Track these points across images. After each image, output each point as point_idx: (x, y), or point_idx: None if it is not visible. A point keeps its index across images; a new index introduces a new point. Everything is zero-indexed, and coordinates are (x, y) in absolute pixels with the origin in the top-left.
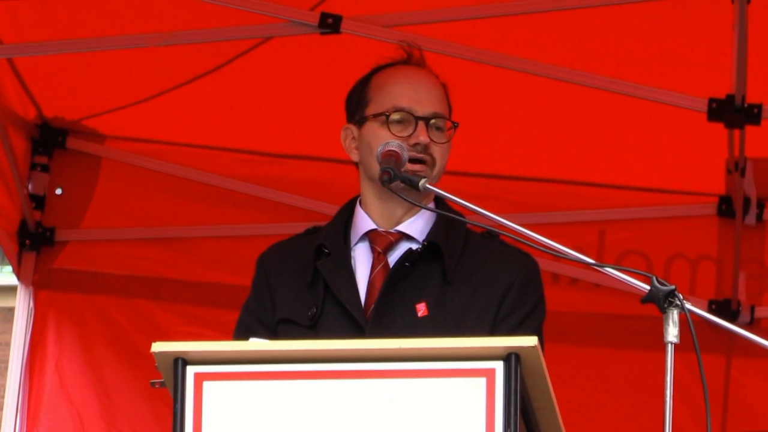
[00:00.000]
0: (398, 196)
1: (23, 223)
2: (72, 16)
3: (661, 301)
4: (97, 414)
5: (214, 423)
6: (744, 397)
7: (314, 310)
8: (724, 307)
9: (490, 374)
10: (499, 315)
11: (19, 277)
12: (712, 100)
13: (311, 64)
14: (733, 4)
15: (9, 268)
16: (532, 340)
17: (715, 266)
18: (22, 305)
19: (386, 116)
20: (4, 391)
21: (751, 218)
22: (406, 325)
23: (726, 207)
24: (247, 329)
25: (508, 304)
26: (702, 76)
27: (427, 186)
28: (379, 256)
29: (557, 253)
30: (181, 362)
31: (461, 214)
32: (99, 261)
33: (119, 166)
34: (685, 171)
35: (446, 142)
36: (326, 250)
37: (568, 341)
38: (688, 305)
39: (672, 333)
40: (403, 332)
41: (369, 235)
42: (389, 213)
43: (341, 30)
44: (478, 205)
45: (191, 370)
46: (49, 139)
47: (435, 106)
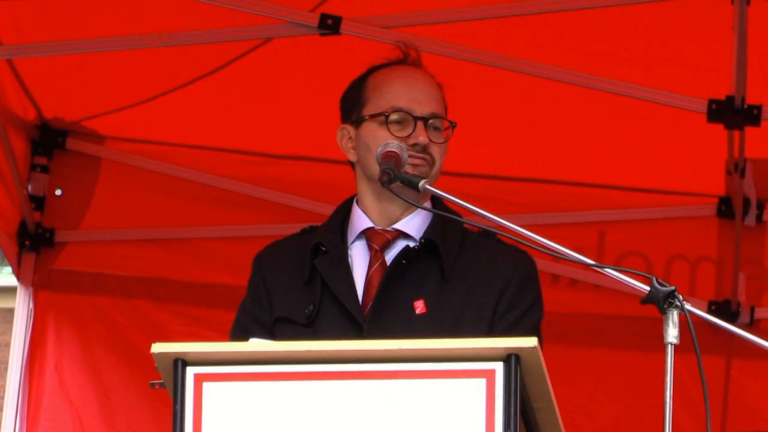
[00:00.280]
0: (397, 196)
1: (23, 224)
2: (72, 17)
3: (661, 302)
4: (97, 415)
5: (214, 424)
6: (744, 398)
7: (311, 308)
8: (724, 308)
9: (489, 375)
10: (497, 313)
11: (19, 278)
12: (711, 101)
13: (311, 65)
14: (733, 5)
15: (9, 269)
16: (532, 341)
17: (715, 267)
18: (21, 306)
19: (385, 117)
20: (4, 391)
21: (750, 219)
22: (405, 322)
23: (726, 208)
24: (243, 329)
25: (505, 301)
26: (702, 77)
27: (427, 187)
28: (376, 254)
29: (557, 254)
30: (180, 363)
31: (459, 213)
32: (99, 262)
33: (119, 167)
34: (685, 172)
35: (444, 142)
36: (323, 248)
37: (568, 342)
38: (687, 306)
39: (672, 334)
40: (402, 330)
41: (366, 233)
42: (386, 212)
43: (341, 31)
44: (477, 206)
45: (191, 371)
46: (49, 140)
47: (433, 106)
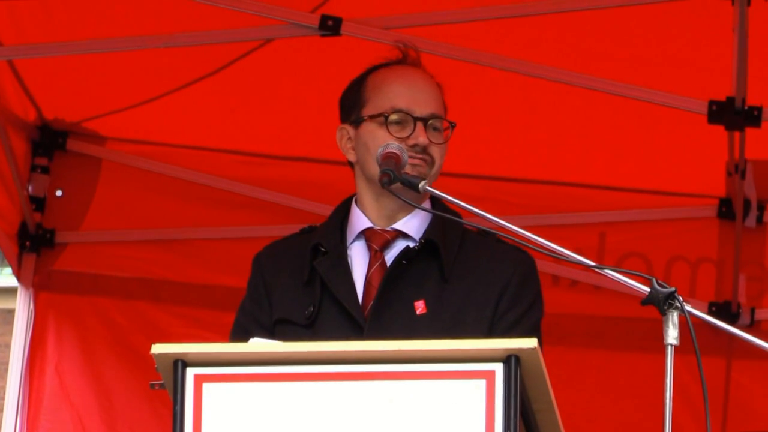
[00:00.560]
0: (396, 197)
1: (23, 225)
2: (72, 18)
3: (661, 303)
4: (97, 416)
5: (214, 425)
6: (744, 399)
7: (311, 309)
8: (725, 310)
9: (489, 376)
10: (498, 312)
11: (20, 279)
12: (712, 102)
13: (311, 66)
14: (734, 6)
15: (9, 269)
16: (531, 342)
17: (716, 268)
18: (22, 307)
19: (385, 117)
20: (4, 392)
21: (751, 220)
22: (405, 323)
23: (726, 209)
24: (244, 330)
25: (506, 301)
26: (702, 78)
27: (427, 188)
28: (375, 254)
29: (557, 255)
30: (180, 364)
31: (459, 214)
32: (99, 263)
33: (119, 168)
34: (685, 173)
35: (444, 142)
36: (323, 249)
37: (569, 343)
38: (687, 307)
39: (672, 335)
40: (402, 330)
41: (365, 234)
42: (385, 212)
43: (341, 32)
44: (477, 207)
45: (191, 372)
46: (50, 140)
47: (433, 107)
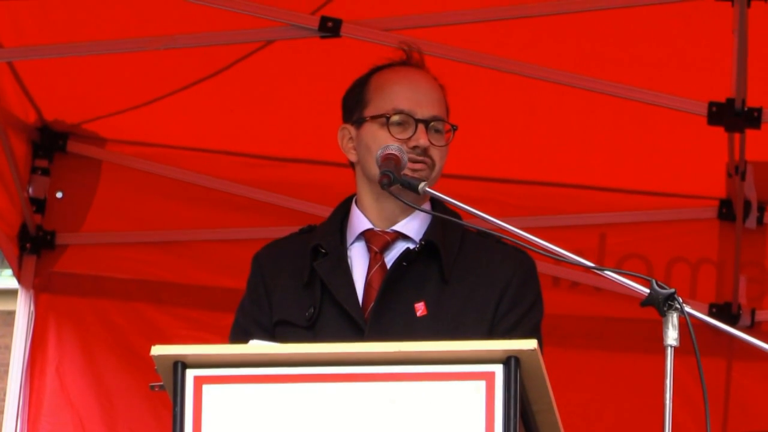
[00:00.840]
0: (396, 198)
1: (24, 227)
2: (72, 20)
3: (661, 304)
4: (98, 417)
5: (214, 426)
6: (745, 400)
7: (312, 310)
8: (725, 311)
9: (489, 377)
10: (498, 313)
11: (20, 281)
12: (712, 104)
13: (311, 67)
14: (733, 7)
15: (9, 271)
16: (531, 344)
17: (716, 270)
18: (22, 308)
19: (386, 118)
20: (5, 394)
21: (751, 222)
22: (406, 324)
23: (726, 210)
24: (243, 331)
25: (506, 302)
26: (702, 79)
27: (427, 189)
28: (375, 256)
29: (557, 257)
30: (180, 365)
31: (458, 215)
32: (99, 264)
33: (120, 169)
34: (686, 174)
35: (445, 145)
36: (323, 250)
37: (569, 344)
38: (687, 308)
39: (671, 336)
40: (403, 332)
41: (365, 235)
42: (386, 213)
43: (341, 34)
44: (478, 209)
45: (191, 374)
46: (50, 142)
47: (434, 109)
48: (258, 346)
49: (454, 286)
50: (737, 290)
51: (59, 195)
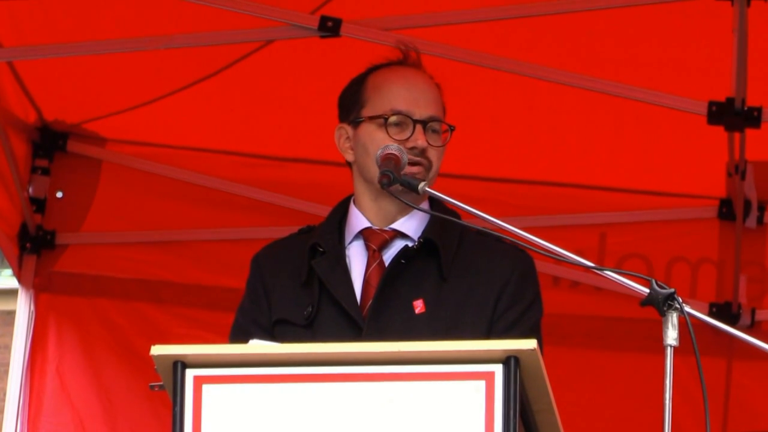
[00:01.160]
0: (395, 198)
1: (24, 227)
2: (72, 20)
3: (661, 304)
4: (98, 417)
5: (214, 426)
6: (745, 400)
7: (310, 309)
8: (725, 310)
9: (489, 377)
10: (497, 311)
11: (20, 281)
12: (712, 103)
13: (311, 67)
14: (733, 6)
15: (9, 271)
16: (531, 343)
17: (716, 269)
18: (22, 308)
19: (384, 119)
20: (5, 394)
21: (751, 221)
22: (404, 322)
23: (726, 210)
24: (242, 331)
25: (505, 300)
26: (702, 79)
27: (427, 189)
28: (374, 254)
29: (557, 257)
30: (180, 365)
31: (457, 214)
32: (99, 264)
33: (120, 169)
34: (686, 174)
35: (442, 145)
36: (321, 249)
37: (569, 344)
38: (687, 308)
39: (671, 336)
40: (401, 330)
41: (363, 233)
42: (384, 212)
43: (341, 33)
44: (478, 208)
45: (190, 373)
46: (50, 142)
47: (432, 109)
48: (258, 346)
49: (453, 284)
50: (737, 290)
51: (59, 195)
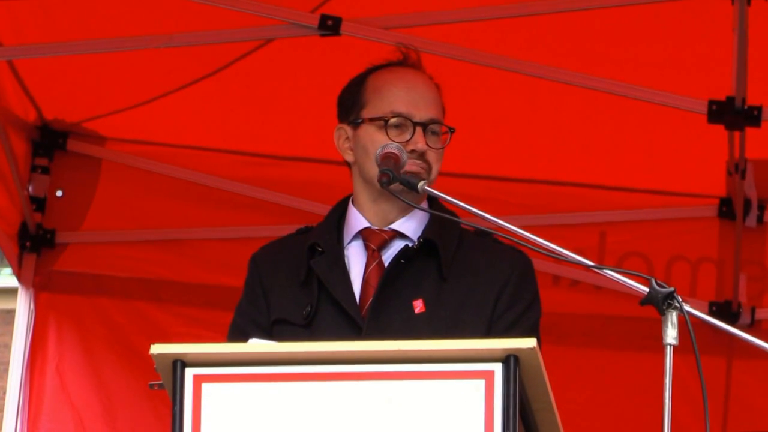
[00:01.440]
0: (394, 197)
1: (24, 225)
2: (72, 18)
3: (660, 303)
4: (98, 416)
5: (213, 425)
6: (745, 399)
7: (309, 308)
8: (725, 309)
9: (488, 376)
10: (496, 312)
11: (20, 279)
12: (712, 102)
13: (311, 66)
14: (733, 5)
15: (9, 270)
16: (530, 342)
17: (716, 268)
18: (22, 307)
19: (385, 121)
20: (5, 393)
21: (751, 220)
22: (403, 321)
23: (726, 209)
24: (240, 331)
25: (504, 301)
26: (702, 78)
27: (426, 188)
28: (373, 254)
29: (557, 256)
30: (179, 364)
31: (456, 214)
32: (99, 263)
33: (120, 168)
34: (686, 173)
35: (442, 148)
36: (320, 249)
37: (569, 343)
38: (686, 307)
39: (671, 335)
40: (401, 329)
41: (362, 233)
42: (383, 212)
43: (341, 32)
44: (478, 207)
45: (190, 372)
46: (50, 141)
47: (432, 112)
48: (257, 345)
49: (453, 284)
50: (737, 288)
51: (59, 193)
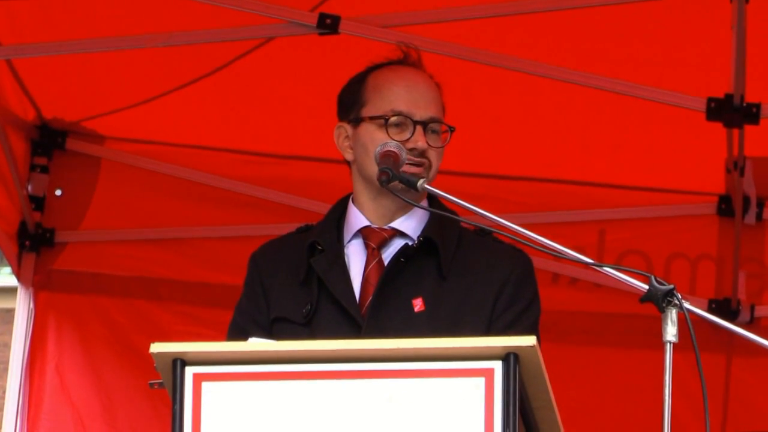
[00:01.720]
0: (394, 196)
1: (23, 225)
2: (71, 17)
3: (660, 300)
4: (98, 415)
5: (213, 423)
6: (745, 396)
7: (309, 307)
8: (724, 306)
9: (488, 374)
10: (496, 311)
11: (19, 279)
12: (710, 100)
13: (310, 64)
14: (732, 3)
15: (9, 269)
16: (530, 340)
17: (715, 265)
18: (22, 306)
19: (385, 120)
20: (5, 392)
21: (750, 217)
22: (403, 320)
23: (725, 206)
24: (240, 330)
25: (504, 300)
26: (701, 75)
27: (426, 186)
28: (373, 252)
29: (556, 254)
30: (179, 363)
31: (456, 213)
32: (99, 262)
33: (119, 167)
34: (685, 170)
35: (442, 146)
36: (320, 247)
37: (568, 341)
38: (686, 304)
39: (670, 332)
40: (400, 328)
41: (362, 232)
42: (383, 211)
43: (340, 30)
44: (478, 206)
45: (190, 371)
46: (49, 140)
47: (432, 110)
48: (257, 344)
49: (452, 283)
50: (736, 286)
51: (58, 193)
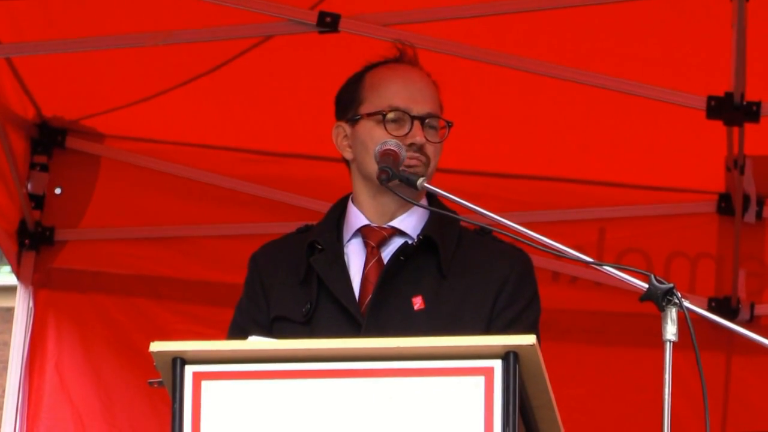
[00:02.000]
0: (394, 194)
1: (23, 223)
2: (71, 16)
3: (660, 299)
4: (98, 413)
5: (213, 422)
6: (744, 395)
7: (309, 306)
8: (724, 305)
9: (488, 373)
10: (495, 310)
11: (19, 277)
12: (710, 98)
13: (310, 63)
14: (732, 2)
15: (8, 267)
16: (530, 339)
17: (715, 264)
18: (21, 305)
19: (382, 115)
20: (4, 391)
21: (750, 216)
22: (403, 318)
23: (725, 205)
24: (240, 329)
25: (504, 299)
26: (701, 74)
27: (426, 185)
28: (372, 251)
29: (555, 252)
30: (179, 362)
31: (455, 211)
32: (98, 260)
33: (118, 165)
34: (685, 169)
35: (440, 142)
36: (319, 247)
37: (568, 339)
38: (686, 303)
39: (670, 331)
40: (400, 326)
41: (362, 231)
42: (382, 209)
43: (339, 29)
44: (477, 204)
45: (189, 370)
46: (49, 138)
47: (430, 106)
48: (257, 342)
49: (452, 281)
50: (736, 284)
51: (58, 191)
